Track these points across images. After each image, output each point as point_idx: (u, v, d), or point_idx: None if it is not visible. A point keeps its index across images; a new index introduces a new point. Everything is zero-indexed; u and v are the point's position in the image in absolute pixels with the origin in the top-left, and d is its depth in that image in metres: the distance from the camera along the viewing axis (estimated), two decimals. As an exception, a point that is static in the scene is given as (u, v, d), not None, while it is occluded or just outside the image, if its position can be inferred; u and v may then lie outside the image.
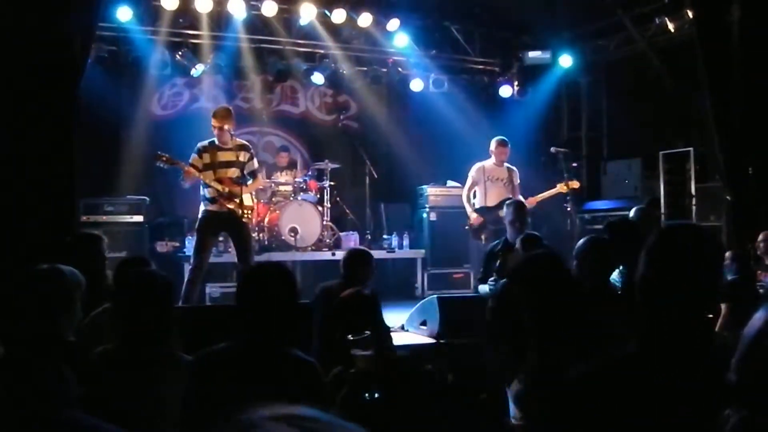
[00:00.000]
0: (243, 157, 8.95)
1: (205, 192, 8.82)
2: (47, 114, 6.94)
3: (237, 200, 8.76)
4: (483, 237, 10.12)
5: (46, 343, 3.88)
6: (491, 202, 10.24)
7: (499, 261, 7.83)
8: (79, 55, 7.32)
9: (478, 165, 10.54)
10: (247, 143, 9.21)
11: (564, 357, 3.54)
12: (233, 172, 8.86)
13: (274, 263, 3.62)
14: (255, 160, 9.18)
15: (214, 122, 8.78)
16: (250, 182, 9.09)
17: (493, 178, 10.41)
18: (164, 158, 8.77)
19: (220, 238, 10.11)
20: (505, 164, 10.50)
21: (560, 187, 10.46)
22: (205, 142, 8.83)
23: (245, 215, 8.89)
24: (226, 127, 8.76)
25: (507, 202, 8.96)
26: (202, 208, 8.89)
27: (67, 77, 7.12)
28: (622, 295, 5.03)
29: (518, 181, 10.50)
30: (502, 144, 10.50)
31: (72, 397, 2.92)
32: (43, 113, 6.91)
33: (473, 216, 10.35)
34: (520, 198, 9.62)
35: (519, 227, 7.98)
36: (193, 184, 8.92)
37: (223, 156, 8.81)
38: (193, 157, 8.78)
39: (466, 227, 10.56)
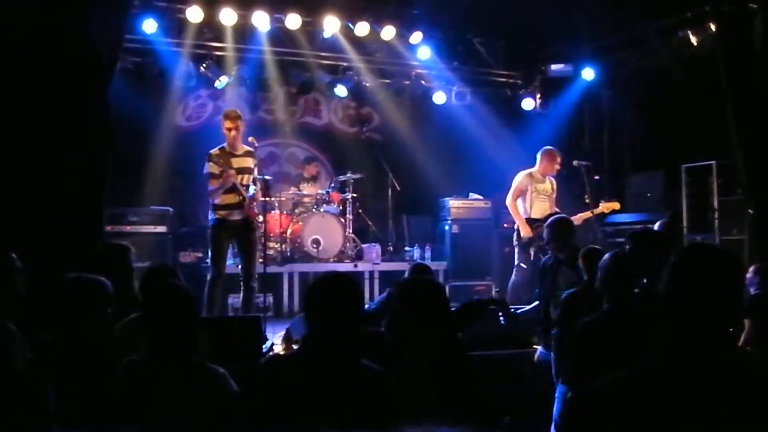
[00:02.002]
0: (252, 163, 8.91)
1: (218, 199, 8.74)
2: (77, 125, 7.02)
3: (249, 209, 8.78)
4: (532, 252, 9.61)
5: (73, 350, 3.94)
6: (536, 215, 9.81)
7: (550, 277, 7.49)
8: (107, 66, 7.41)
9: (525, 172, 10.11)
10: (251, 148, 9.00)
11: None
12: (244, 179, 8.80)
13: (340, 274, 3.68)
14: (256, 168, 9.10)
15: (228, 123, 8.72)
16: (253, 190, 8.94)
17: (540, 189, 10.03)
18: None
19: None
20: (548, 176, 10.17)
21: (603, 207, 10.08)
22: (216, 149, 8.73)
23: (255, 223, 8.93)
24: (241, 128, 8.78)
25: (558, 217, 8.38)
26: (212, 216, 8.80)
27: (96, 88, 7.20)
28: (646, 309, 5.02)
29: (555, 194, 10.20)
30: (553, 155, 10.15)
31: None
32: (73, 124, 6.98)
33: (526, 229, 9.76)
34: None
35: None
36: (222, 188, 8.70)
37: (236, 162, 8.72)
38: (210, 165, 8.65)
39: (515, 242, 10.00)
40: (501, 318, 7.60)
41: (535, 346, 7.39)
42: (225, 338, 6.34)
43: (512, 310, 7.87)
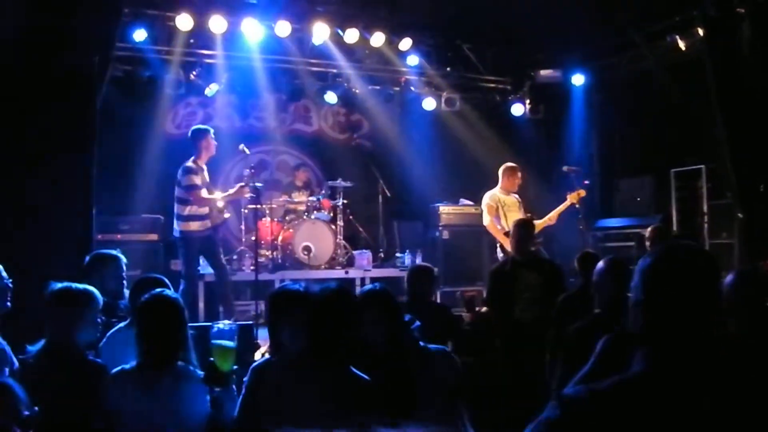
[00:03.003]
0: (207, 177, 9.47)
1: (193, 210, 9.11)
2: (66, 132, 7.01)
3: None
4: None
5: (59, 358, 3.94)
6: None
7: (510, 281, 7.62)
8: (97, 74, 7.41)
9: (491, 192, 10.16)
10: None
11: None
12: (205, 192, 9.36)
13: (337, 287, 3.74)
14: None
15: (213, 143, 9.44)
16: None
17: (508, 204, 10.06)
18: None
19: (235, 257, 10.21)
20: (511, 193, 10.19)
21: (571, 198, 10.04)
22: (191, 163, 9.24)
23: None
24: None
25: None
26: (185, 227, 9.12)
27: (86, 96, 7.20)
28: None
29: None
30: (513, 171, 10.19)
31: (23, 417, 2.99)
32: (62, 131, 6.98)
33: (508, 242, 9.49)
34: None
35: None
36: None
37: (207, 176, 9.37)
38: (193, 177, 9.13)
39: (499, 256, 9.86)
40: None
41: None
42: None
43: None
